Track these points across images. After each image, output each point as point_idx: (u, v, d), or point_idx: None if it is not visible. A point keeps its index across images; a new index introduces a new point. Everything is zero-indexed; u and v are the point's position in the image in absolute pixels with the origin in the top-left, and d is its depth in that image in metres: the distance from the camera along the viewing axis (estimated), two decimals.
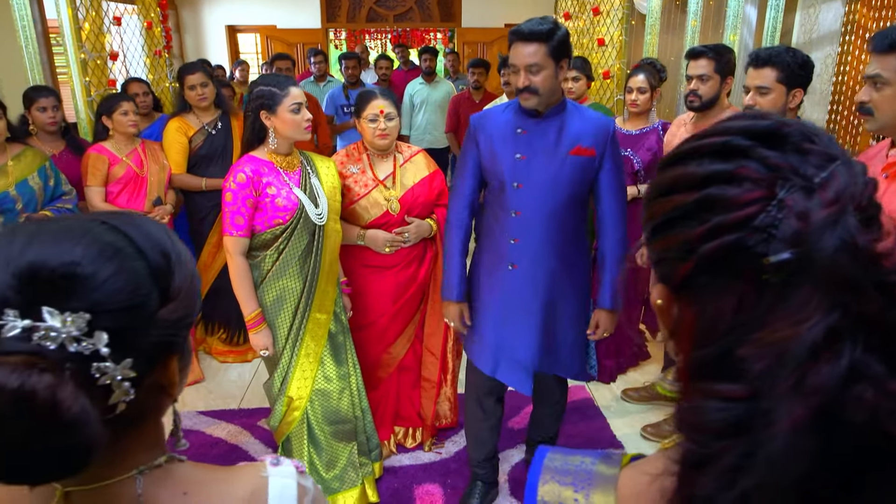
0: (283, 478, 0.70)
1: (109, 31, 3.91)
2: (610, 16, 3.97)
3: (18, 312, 0.51)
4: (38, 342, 0.51)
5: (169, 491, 0.64)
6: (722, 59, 2.41)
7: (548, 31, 1.82)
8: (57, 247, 0.55)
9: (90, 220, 0.59)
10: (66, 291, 0.53)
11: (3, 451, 0.49)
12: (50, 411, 0.49)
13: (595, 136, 1.96)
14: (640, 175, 3.05)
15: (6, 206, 2.67)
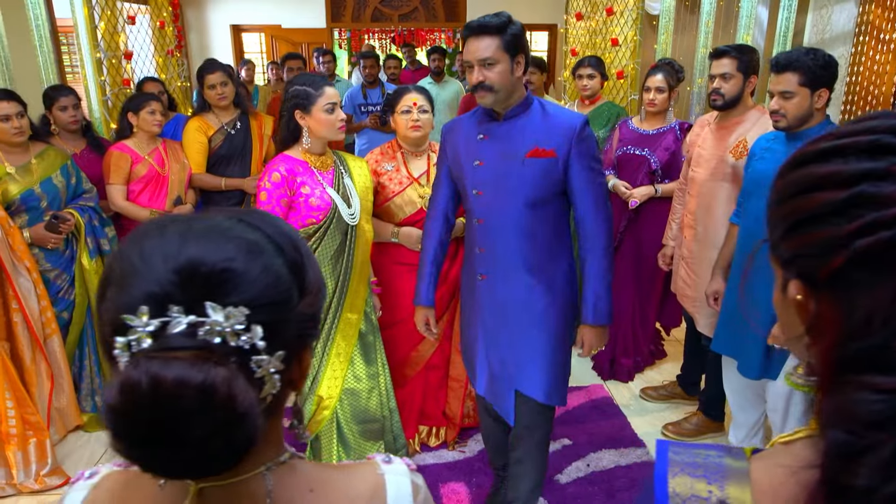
0: (398, 475, 0.71)
1: (124, 30, 3.90)
2: (624, 16, 3.99)
3: (182, 308, 0.52)
4: (203, 337, 0.52)
5: (295, 488, 0.65)
6: (744, 58, 2.42)
7: (500, 24, 1.75)
8: (211, 244, 0.56)
9: (228, 219, 0.60)
10: (224, 287, 0.54)
11: (185, 447, 0.50)
12: (228, 405, 0.50)
13: (556, 135, 1.80)
14: (658, 174, 3.06)
15: (31, 205, 2.67)
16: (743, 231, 2.26)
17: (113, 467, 0.70)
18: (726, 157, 2.51)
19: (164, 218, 0.61)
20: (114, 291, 0.55)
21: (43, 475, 2.49)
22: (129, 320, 0.52)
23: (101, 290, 0.58)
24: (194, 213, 0.62)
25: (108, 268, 0.59)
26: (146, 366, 0.49)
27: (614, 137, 3.24)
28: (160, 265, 0.54)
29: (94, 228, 2.87)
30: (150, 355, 0.50)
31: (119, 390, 0.49)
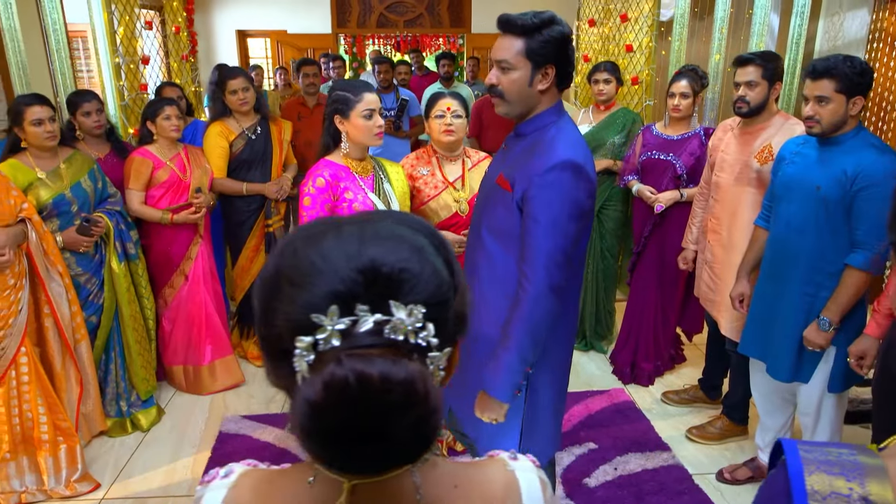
0: (527, 472, 0.72)
1: (141, 35, 3.91)
2: (639, 22, 4.02)
3: (368, 307, 0.53)
4: (388, 336, 0.53)
5: (440, 484, 0.66)
6: (769, 66, 2.45)
7: (527, 24, 1.48)
8: (387, 246, 0.57)
9: (393, 221, 0.62)
10: (403, 287, 0.55)
11: (384, 441, 0.51)
12: (426, 399, 0.51)
13: (522, 170, 1.54)
14: (683, 179, 3.09)
15: (62, 209, 2.68)
16: (773, 235, 2.28)
17: (245, 466, 0.70)
18: (751, 162, 2.54)
19: (331, 219, 0.62)
20: (293, 291, 0.56)
21: (73, 481, 2.49)
22: (319, 319, 0.53)
23: (269, 291, 0.58)
24: (355, 215, 0.63)
25: (274, 268, 0.60)
26: (349, 363, 0.50)
27: (637, 143, 3.27)
28: (344, 265, 0.55)
29: (121, 232, 2.88)
30: (348, 353, 0.51)
31: (324, 387, 0.50)
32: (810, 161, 2.14)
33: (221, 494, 0.67)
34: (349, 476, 0.61)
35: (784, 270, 2.23)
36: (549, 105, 1.59)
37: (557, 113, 1.61)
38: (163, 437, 2.91)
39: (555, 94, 1.59)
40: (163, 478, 2.64)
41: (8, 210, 2.38)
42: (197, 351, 3.27)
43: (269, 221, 3.41)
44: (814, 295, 2.16)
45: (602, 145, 3.51)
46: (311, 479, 0.63)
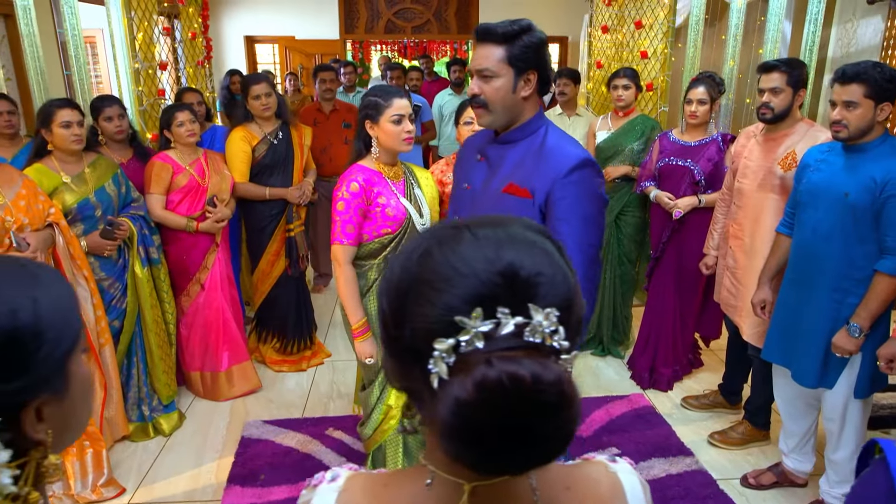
0: (629, 474, 0.73)
1: (159, 41, 3.93)
2: (654, 29, 4.04)
3: (509, 311, 0.54)
4: (527, 338, 0.54)
5: (554, 486, 0.67)
6: (794, 73, 2.46)
7: (507, 32, 1.49)
8: (522, 250, 0.58)
9: (515, 224, 0.62)
10: (539, 291, 0.56)
11: (532, 441, 0.52)
12: (572, 400, 0.52)
13: (540, 174, 1.54)
14: (701, 185, 3.10)
15: (87, 214, 2.69)
16: (798, 242, 2.29)
17: (349, 470, 0.71)
18: (775, 169, 2.55)
19: (459, 222, 0.63)
20: (433, 294, 0.56)
21: (99, 486, 2.49)
22: (463, 322, 0.54)
23: (403, 295, 0.59)
24: (482, 219, 0.64)
25: (405, 272, 0.60)
26: (500, 364, 0.51)
27: (654, 149, 3.28)
28: (484, 268, 0.56)
29: (145, 237, 2.89)
30: (498, 355, 0.52)
31: (476, 388, 0.50)
32: (836, 168, 2.16)
33: (332, 498, 0.68)
34: (470, 478, 0.61)
35: (810, 277, 2.24)
36: (533, 111, 1.60)
37: (543, 117, 1.63)
38: (185, 442, 2.91)
39: (536, 100, 1.60)
40: (187, 482, 2.64)
41: (38, 214, 2.39)
42: (214, 357, 3.27)
43: (291, 226, 3.42)
44: (840, 301, 2.16)
45: (621, 152, 3.53)
46: (428, 481, 0.63)
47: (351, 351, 3.82)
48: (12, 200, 2.33)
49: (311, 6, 8.07)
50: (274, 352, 3.60)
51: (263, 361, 3.60)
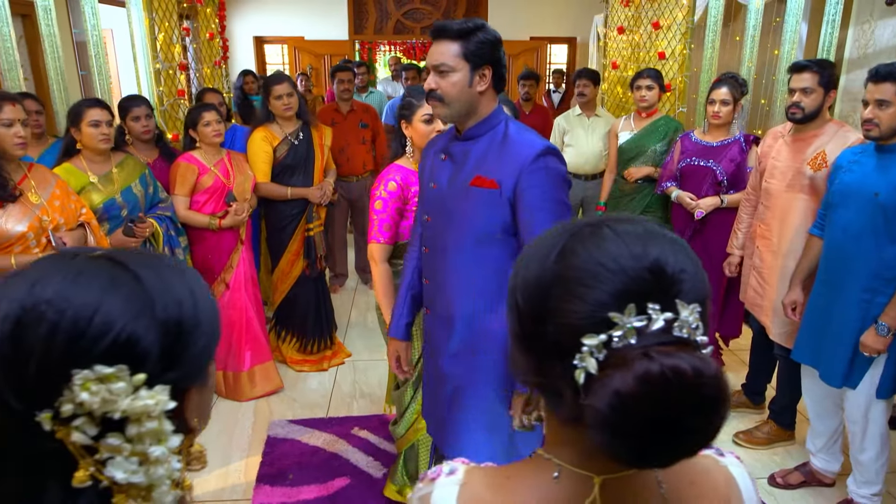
0: (738, 467, 0.73)
1: (179, 41, 3.94)
2: (672, 30, 4.05)
3: (659, 306, 0.55)
4: (675, 333, 0.55)
5: (677, 479, 0.67)
6: (826, 73, 2.47)
7: (461, 28, 1.54)
8: (664, 246, 0.59)
9: (644, 221, 0.63)
10: (683, 287, 0.57)
11: (690, 432, 0.53)
12: (727, 395, 0.53)
13: (504, 164, 1.57)
14: (724, 185, 3.11)
15: (113, 213, 2.69)
16: (829, 242, 2.30)
17: (466, 465, 0.72)
18: (804, 169, 2.56)
19: (590, 219, 0.63)
20: (582, 291, 0.57)
21: None
22: (618, 318, 0.54)
23: (545, 292, 0.60)
24: (611, 217, 0.64)
25: (544, 270, 0.61)
26: (660, 358, 0.52)
27: (676, 149, 3.29)
28: (633, 264, 0.57)
29: (171, 238, 2.89)
30: (655, 350, 0.53)
31: (639, 381, 0.51)
32: (868, 169, 2.17)
33: (453, 491, 0.68)
34: (600, 471, 0.62)
35: (840, 276, 2.24)
36: (491, 107, 1.63)
37: (502, 112, 1.66)
38: (211, 442, 2.91)
39: (493, 96, 1.63)
40: (216, 482, 2.64)
41: (71, 214, 2.39)
42: (237, 357, 3.27)
43: (311, 226, 3.43)
44: (870, 301, 2.17)
45: (643, 153, 3.54)
46: (555, 474, 0.64)
47: (371, 351, 3.87)
48: (48, 200, 2.33)
49: (320, 7, 8.08)
50: (295, 351, 3.60)
51: (284, 361, 3.61)
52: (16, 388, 0.52)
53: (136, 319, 0.54)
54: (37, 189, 2.33)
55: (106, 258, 0.58)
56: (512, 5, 8.03)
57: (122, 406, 0.52)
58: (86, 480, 0.53)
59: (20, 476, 0.55)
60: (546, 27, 8.27)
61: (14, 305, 0.52)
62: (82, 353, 0.52)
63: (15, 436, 0.53)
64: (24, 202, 2.27)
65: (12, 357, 0.51)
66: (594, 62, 6.64)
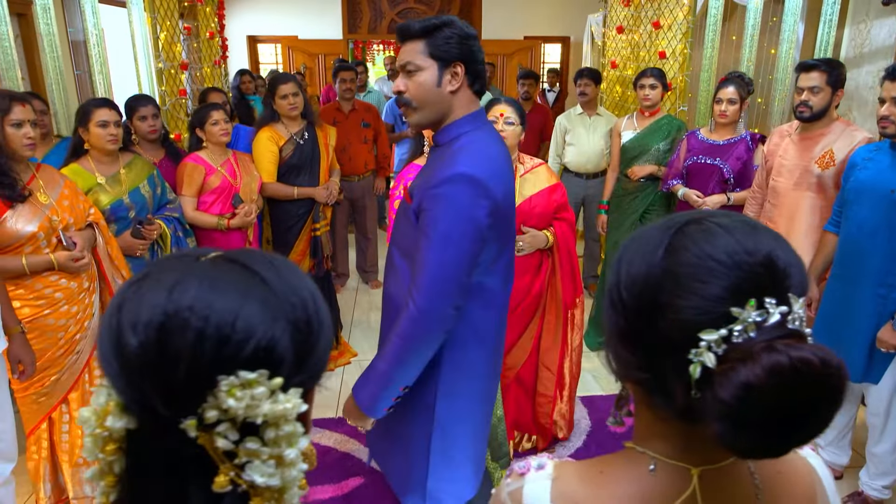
0: (815, 458, 0.75)
1: (180, 41, 3.91)
2: (672, 29, 4.08)
3: (774, 300, 0.56)
4: (789, 326, 0.56)
5: (766, 469, 0.69)
6: (834, 73, 2.51)
7: (425, 26, 1.42)
8: (772, 240, 0.60)
9: (737, 216, 0.65)
10: (793, 280, 0.58)
11: (811, 423, 0.53)
12: (847, 385, 0.54)
13: (423, 181, 1.48)
14: (730, 183, 3.14)
15: (120, 215, 2.67)
16: (844, 238, 2.33)
17: (552, 459, 0.72)
18: (811, 168, 2.59)
19: (691, 216, 0.64)
20: (700, 287, 0.58)
21: None
22: (740, 313, 0.55)
23: (656, 289, 0.60)
24: (700, 213, 0.65)
25: (652, 267, 0.61)
26: (787, 350, 0.52)
27: (682, 147, 3.32)
28: (745, 259, 0.58)
29: (179, 239, 2.87)
30: (778, 343, 0.54)
31: (769, 374, 0.52)
32: (883, 166, 2.20)
33: (545, 486, 0.68)
34: (697, 462, 0.63)
35: (855, 272, 2.28)
36: (465, 111, 1.48)
37: (474, 121, 1.49)
38: None
39: (470, 97, 1.49)
40: None
41: (80, 214, 2.37)
42: None
43: (317, 225, 3.42)
44: (885, 297, 2.21)
45: (647, 151, 3.56)
46: (651, 466, 0.65)
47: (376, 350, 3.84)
48: (57, 200, 2.31)
49: (313, 6, 8.05)
50: None
51: None
52: (163, 394, 0.51)
53: (274, 323, 0.54)
54: (45, 189, 2.31)
55: (227, 260, 0.58)
56: (506, 5, 8.05)
57: (263, 410, 0.52)
58: (226, 485, 0.53)
59: (162, 482, 0.54)
60: (540, 27, 8.29)
61: (156, 312, 0.52)
62: (227, 359, 0.52)
63: (158, 442, 0.53)
64: (33, 202, 2.25)
65: (159, 364, 0.51)
66: (588, 61, 6.67)
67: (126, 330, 0.51)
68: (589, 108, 4.06)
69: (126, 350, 0.51)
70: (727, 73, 3.28)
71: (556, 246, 2.55)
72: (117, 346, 0.52)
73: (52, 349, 2.28)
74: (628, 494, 0.65)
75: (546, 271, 2.59)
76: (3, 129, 2.16)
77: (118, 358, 0.52)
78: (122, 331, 0.52)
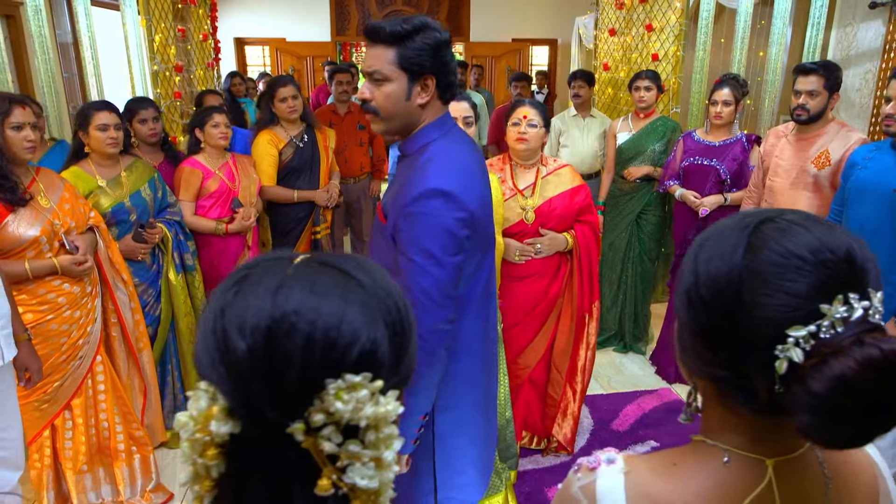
0: (870, 447, 0.76)
1: (175, 43, 3.88)
2: (665, 32, 4.13)
3: (857, 296, 0.57)
4: (870, 320, 0.57)
5: (834, 459, 0.70)
6: (832, 77, 2.56)
7: (396, 31, 1.33)
8: (845, 236, 0.62)
9: (807, 213, 0.66)
10: (870, 275, 0.60)
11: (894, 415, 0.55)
12: None
13: (393, 200, 1.43)
14: (727, 184, 3.19)
15: (121, 218, 2.64)
16: None
17: (621, 454, 0.73)
18: (808, 168, 2.64)
19: (758, 214, 0.65)
20: (781, 285, 0.59)
21: (148, 491, 2.45)
22: (825, 309, 0.57)
23: (731, 287, 0.62)
24: (771, 211, 0.66)
25: (731, 266, 0.62)
26: (878, 344, 0.54)
27: (678, 149, 3.36)
28: (829, 256, 0.59)
29: (180, 243, 2.85)
30: (870, 336, 0.55)
31: (864, 367, 0.54)
32: (884, 166, 2.25)
33: (619, 480, 0.69)
34: (771, 454, 0.64)
35: None
36: (433, 119, 1.44)
37: (440, 128, 1.45)
38: None
39: (439, 107, 1.45)
40: None
41: (81, 217, 2.35)
42: None
43: (317, 228, 3.41)
44: (890, 295, 2.25)
45: (642, 152, 3.60)
46: (725, 459, 0.66)
47: None
48: (58, 204, 2.29)
49: (302, 8, 8.03)
50: None
51: None
52: (272, 398, 0.51)
53: (374, 327, 0.55)
54: (46, 193, 2.29)
55: (320, 263, 0.58)
56: (494, 7, 8.09)
57: (366, 413, 0.52)
58: (329, 489, 0.53)
59: (267, 486, 0.55)
60: (528, 29, 8.34)
61: (263, 316, 0.52)
62: (335, 362, 0.52)
63: (263, 446, 0.53)
64: (34, 206, 2.22)
65: (270, 368, 0.51)
66: (577, 63, 6.73)
67: (233, 334, 0.51)
68: (583, 110, 4.10)
69: (235, 354, 0.51)
70: (721, 75, 3.32)
71: (576, 249, 2.53)
72: (224, 350, 0.52)
73: (55, 355, 2.26)
74: (704, 487, 0.67)
75: (564, 275, 2.57)
76: (3, 132, 2.14)
77: (225, 362, 0.52)
78: (229, 335, 0.52)
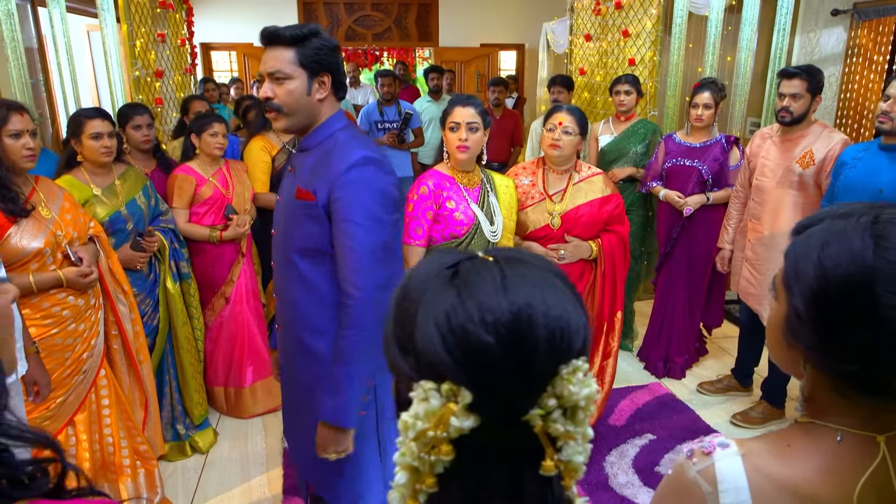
0: None
1: (155, 48, 3.81)
2: (641, 37, 4.26)
3: None
4: None
5: None
6: (814, 80, 2.69)
7: (295, 35, 1.48)
8: None
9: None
10: None
11: None
12: None
13: (321, 176, 1.51)
14: (709, 184, 3.31)
15: (118, 227, 2.59)
16: None
17: (725, 437, 0.77)
18: (793, 167, 2.77)
19: (870, 209, 0.70)
20: None
21: None
22: None
23: (866, 288, 0.66)
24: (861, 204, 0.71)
25: (860, 264, 0.66)
26: None
27: (660, 150, 3.47)
28: None
29: (175, 251, 2.81)
30: None
31: None
32: (871, 166, 2.38)
33: (737, 462, 0.73)
34: (881, 430, 0.70)
35: None
36: (330, 114, 1.59)
37: (342, 120, 1.61)
38: (224, 459, 2.84)
39: (334, 103, 1.60)
40: (241, 498, 2.58)
41: (82, 227, 2.30)
42: (238, 373, 3.19)
43: None
44: None
45: (625, 154, 3.71)
46: (839, 437, 0.71)
47: None
48: (59, 214, 2.23)
49: (269, 13, 7.92)
50: None
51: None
52: (519, 388, 0.53)
53: (580, 312, 0.58)
54: (47, 203, 2.23)
55: (513, 259, 0.60)
56: (462, 13, 8.16)
57: (583, 394, 0.55)
58: (553, 469, 0.55)
59: (500, 473, 0.56)
60: (495, 34, 8.44)
61: (502, 311, 0.53)
62: (566, 349, 0.55)
63: (500, 435, 0.55)
64: (36, 217, 2.16)
65: (518, 359, 0.53)
66: (546, 68, 6.85)
67: (477, 331, 0.53)
68: None
69: (483, 350, 0.53)
70: (701, 79, 3.45)
71: (600, 258, 2.55)
72: (468, 347, 0.53)
73: (59, 370, 2.20)
74: (820, 467, 0.71)
75: (587, 283, 2.60)
76: (2, 140, 2.07)
77: (472, 358, 0.53)
78: (471, 333, 0.53)
